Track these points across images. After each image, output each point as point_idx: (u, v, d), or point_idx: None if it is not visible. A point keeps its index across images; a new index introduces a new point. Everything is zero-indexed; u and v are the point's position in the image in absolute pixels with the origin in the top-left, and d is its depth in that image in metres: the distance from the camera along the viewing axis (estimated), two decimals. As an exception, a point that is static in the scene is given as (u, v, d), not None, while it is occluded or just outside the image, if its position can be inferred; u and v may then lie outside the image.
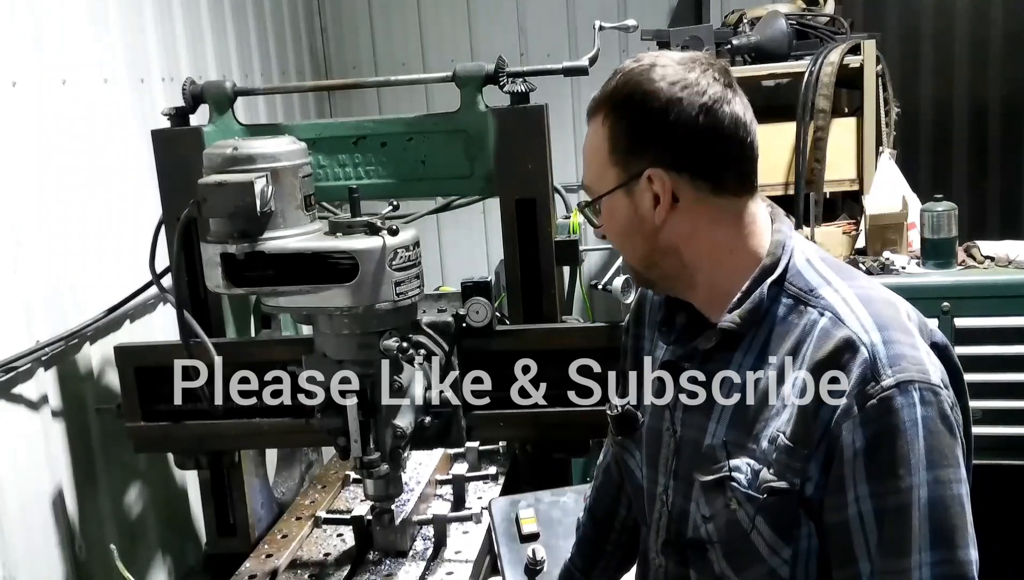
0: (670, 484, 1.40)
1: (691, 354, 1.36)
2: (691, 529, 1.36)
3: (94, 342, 2.55)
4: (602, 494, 1.73)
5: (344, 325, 1.89)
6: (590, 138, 1.34)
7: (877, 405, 1.16)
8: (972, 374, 2.71)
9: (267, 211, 1.79)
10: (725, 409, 1.31)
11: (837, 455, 1.19)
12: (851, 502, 1.18)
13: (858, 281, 1.30)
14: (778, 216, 1.36)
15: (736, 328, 1.29)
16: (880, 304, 1.25)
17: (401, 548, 2.21)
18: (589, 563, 1.73)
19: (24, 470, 2.27)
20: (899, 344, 1.19)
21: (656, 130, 1.27)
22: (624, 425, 1.52)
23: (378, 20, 4.56)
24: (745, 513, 1.26)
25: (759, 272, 1.30)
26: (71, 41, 2.55)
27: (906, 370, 1.17)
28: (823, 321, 1.24)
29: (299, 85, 4.12)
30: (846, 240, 3.27)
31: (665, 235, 1.31)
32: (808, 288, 1.28)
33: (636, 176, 1.29)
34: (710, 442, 1.31)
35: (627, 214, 1.32)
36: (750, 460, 1.26)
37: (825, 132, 3.28)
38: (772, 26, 3.46)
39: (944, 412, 1.18)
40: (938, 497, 1.16)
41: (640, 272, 1.40)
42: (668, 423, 1.40)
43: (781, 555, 1.26)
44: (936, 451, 1.16)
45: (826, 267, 1.32)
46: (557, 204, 2.36)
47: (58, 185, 2.45)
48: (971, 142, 4.64)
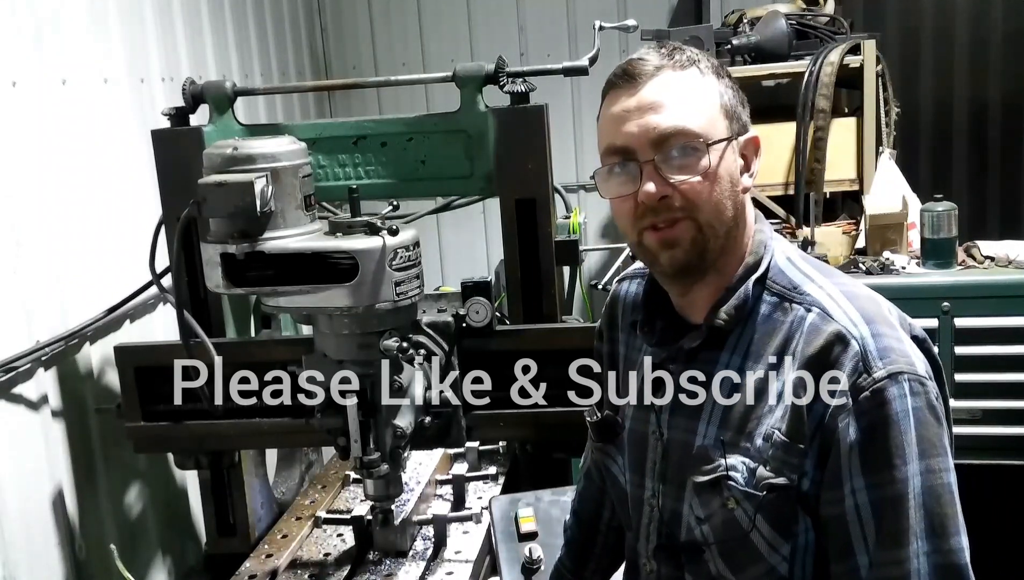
0: (658, 488, 1.39)
1: (676, 354, 1.36)
2: (684, 532, 1.35)
3: (94, 342, 2.55)
4: (586, 498, 1.74)
5: (344, 325, 1.89)
6: (693, 85, 1.28)
7: (870, 397, 1.17)
8: (972, 374, 2.75)
9: (267, 211, 1.79)
10: (715, 409, 1.31)
11: (833, 449, 1.19)
12: (848, 494, 1.19)
13: (839, 278, 1.32)
14: (759, 216, 1.37)
15: (724, 325, 1.29)
16: (863, 300, 1.27)
17: (401, 548, 2.21)
18: (579, 565, 1.73)
19: (24, 470, 2.27)
20: (886, 337, 1.21)
21: (743, 102, 1.33)
22: (604, 431, 1.51)
23: (378, 20, 4.56)
24: (744, 511, 1.26)
25: (743, 270, 1.31)
26: (71, 41, 2.56)
27: (895, 362, 1.19)
28: (811, 316, 1.25)
29: (299, 85, 4.12)
30: (846, 240, 3.27)
31: (740, 204, 1.31)
32: (792, 285, 1.29)
33: (740, 134, 1.31)
34: (702, 443, 1.31)
35: (730, 170, 1.28)
36: (745, 459, 1.26)
37: (825, 132, 3.28)
38: (772, 26, 3.46)
39: (931, 402, 1.20)
40: (931, 486, 1.18)
41: (717, 237, 1.28)
42: (654, 426, 1.40)
43: (780, 552, 1.26)
44: (926, 441, 1.18)
45: (808, 265, 1.33)
46: (557, 204, 2.36)
47: (58, 185, 2.45)
48: (971, 142, 4.64)
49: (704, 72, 1.29)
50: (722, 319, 1.29)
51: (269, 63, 3.93)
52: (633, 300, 1.50)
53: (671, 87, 1.27)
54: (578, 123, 4.37)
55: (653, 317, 1.43)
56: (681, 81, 1.27)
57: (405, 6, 4.51)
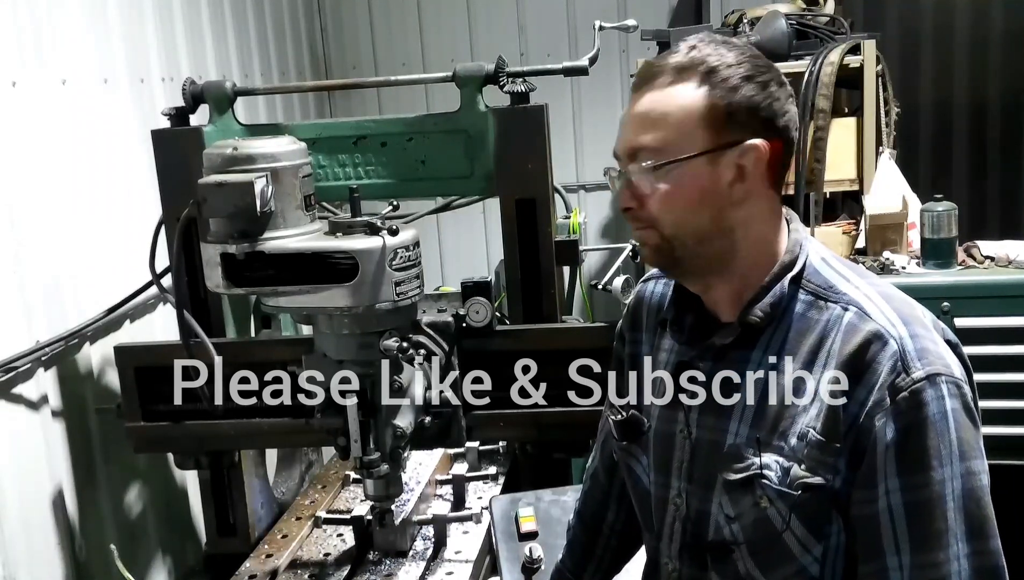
0: (684, 487, 1.39)
1: (705, 352, 1.36)
2: (712, 531, 1.34)
3: (94, 342, 2.55)
4: (590, 499, 1.73)
5: (344, 325, 1.89)
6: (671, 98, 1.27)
7: (908, 397, 1.17)
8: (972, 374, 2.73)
9: (267, 211, 1.79)
10: (747, 407, 1.30)
11: (869, 448, 1.19)
12: (881, 495, 1.19)
13: (873, 279, 1.31)
14: (792, 216, 1.37)
15: (759, 322, 1.29)
16: (899, 301, 1.27)
17: (401, 548, 2.22)
18: (580, 566, 1.72)
19: (24, 470, 2.27)
20: (923, 338, 1.21)
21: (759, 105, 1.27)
22: (629, 430, 1.50)
23: (378, 20, 4.56)
24: (777, 511, 1.25)
25: (779, 268, 1.30)
26: (71, 41, 2.56)
27: (933, 363, 1.18)
28: (848, 315, 1.24)
29: (299, 85, 4.13)
30: (846, 240, 3.27)
31: (733, 213, 1.28)
32: (827, 285, 1.29)
33: (731, 144, 1.26)
34: (733, 441, 1.30)
35: (705, 182, 1.26)
36: (779, 457, 1.25)
37: (825, 132, 3.28)
38: (772, 26, 3.46)
39: (968, 405, 1.20)
40: (971, 488, 1.18)
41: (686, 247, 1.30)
42: (682, 425, 1.39)
43: (812, 553, 1.25)
44: (965, 443, 1.18)
45: (843, 266, 1.33)
46: (557, 204, 2.36)
47: (58, 185, 2.45)
48: (971, 142, 4.65)
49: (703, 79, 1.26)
50: (756, 317, 1.28)
51: (269, 63, 3.93)
52: (659, 300, 1.49)
53: (656, 101, 1.27)
54: (578, 123, 4.37)
55: (682, 315, 1.42)
56: (667, 95, 1.27)
57: (405, 6, 4.52)
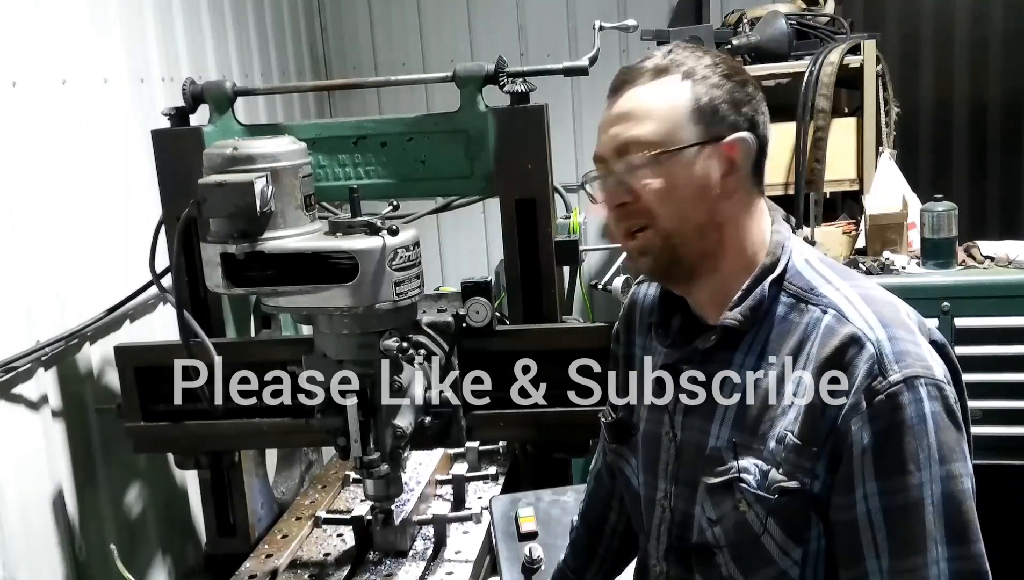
0: (671, 489, 1.39)
1: (690, 355, 1.36)
2: (696, 533, 1.35)
3: (94, 342, 2.55)
4: (594, 500, 1.73)
5: (344, 325, 1.89)
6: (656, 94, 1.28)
7: (885, 401, 1.16)
8: (972, 374, 2.72)
9: (267, 211, 1.79)
10: (728, 410, 1.30)
11: (845, 452, 1.18)
12: (859, 499, 1.18)
13: (857, 281, 1.30)
14: (776, 217, 1.36)
15: (738, 326, 1.28)
16: (881, 304, 1.25)
17: (401, 548, 2.22)
18: (582, 566, 1.73)
19: (24, 470, 2.27)
20: (903, 341, 1.20)
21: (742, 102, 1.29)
22: (619, 432, 1.51)
23: (378, 20, 4.56)
24: (755, 514, 1.25)
25: (759, 271, 1.30)
26: (71, 41, 2.55)
27: (911, 366, 1.17)
28: (827, 318, 1.24)
29: (299, 85, 4.13)
30: (846, 240, 3.27)
31: (722, 208, 1.29)
32: (808, 287, 1.28)
33: (719, 138, 1.27)
34: (715, 444, 1.31)
35: (696, 176, 1.27)
36: (758, 461, 1.25)
37: (825, 132, 3.28)
38: (772, 26, 3.46)
39: (950, 407, 1.19)
40: (951, 492, 1.16)
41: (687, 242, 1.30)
42: (667, 427, 1.40)
43: (792, 556, 1.25)
44: (945, 446, 1.17)
45: (825, 267, 1.32)
46: (557, 204, 2.36)
47: (58, 185, 2.45)
48: (971, 142, 4.65)
49: (685, 76, 1.28)
50: (736, 320, 1.28)
51: (269, 63, 3.93)
52: (652, 302, 1.49)
53: (640, 97, 1.29)
54: (578, 123, 4.37)
55: (668, 318, 1.42)
56: (651, 90, 1.29)
57: (405, 6, 4.51)
